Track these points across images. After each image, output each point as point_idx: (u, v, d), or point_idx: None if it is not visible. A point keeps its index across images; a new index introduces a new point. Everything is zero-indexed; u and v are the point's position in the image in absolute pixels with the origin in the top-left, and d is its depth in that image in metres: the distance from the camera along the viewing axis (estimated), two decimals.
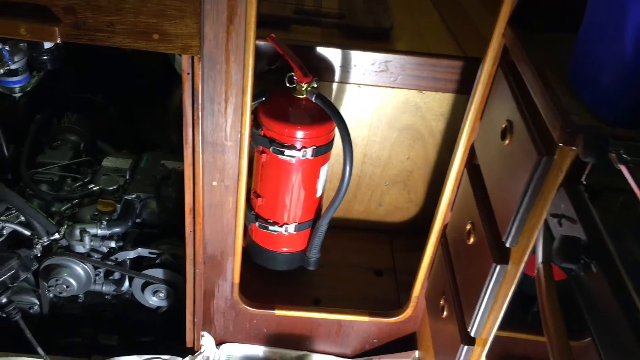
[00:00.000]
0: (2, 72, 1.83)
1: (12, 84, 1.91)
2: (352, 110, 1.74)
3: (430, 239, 1.53)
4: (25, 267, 1.45)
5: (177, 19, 1.15)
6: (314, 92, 1.50)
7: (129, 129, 2.25)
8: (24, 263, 1.45)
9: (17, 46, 1.87)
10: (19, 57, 1.87)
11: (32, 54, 1.98)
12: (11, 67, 1.86)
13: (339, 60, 1.64)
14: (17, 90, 1.94)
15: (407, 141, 1.80)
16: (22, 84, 1.94)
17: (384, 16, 1.78)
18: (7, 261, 1.43)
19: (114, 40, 1.17)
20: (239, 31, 1.21)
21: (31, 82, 1.96)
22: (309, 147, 1.53)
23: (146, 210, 1.83)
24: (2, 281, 1.38)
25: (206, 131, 1.34)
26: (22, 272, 1.45)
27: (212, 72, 1.26)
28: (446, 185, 1.45)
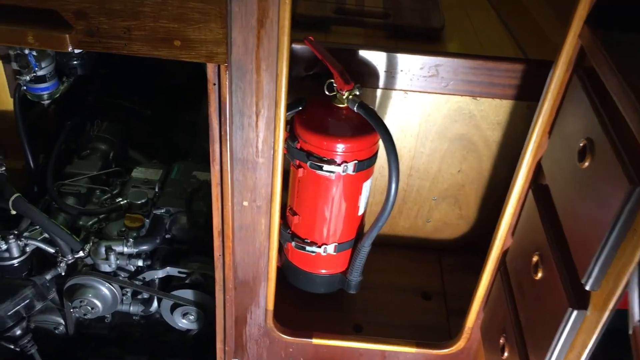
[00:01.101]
0: (29, 79, 1.73)
1: (40, 90, 1.82)
2: (398, 119, 1.57)
3: (487, 265, 1.35)
4: (41, 296, 1.34)
5: (201, 24, 1.00)
6: (356, 100, 1.34)
7: (161, 135, 2.13)
8: (39, 292, 1.33)
9: (45, 51, 1.77)
10: (46, 63, 1.77)
11: (61, 59, 1.89)
12: (38, 73, 1.76)
13: (384, 65, 1.47)
14: (45, 97, 1.84)
15: (458, 152, 1.62)
16: (51, 91, 1.83)
17: (434, 15, 1.59)
18: (21, 290, 1.32)
19: (131, 48, 1.03)
20: (271, 35, 1.06)
21: (60, 89, 1.85)
22: (350, 162, 1.37)
23: (176, 225, 1.70)
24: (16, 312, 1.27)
25: (235, 147, 1.19)
26: (38, 302, 1.34)
27: (241, 82, 1.11)
28: (507, 206, 1.26)
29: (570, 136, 1.04)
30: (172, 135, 2.12)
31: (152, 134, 2.11)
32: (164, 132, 2.11)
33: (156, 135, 2.12)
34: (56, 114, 2.00)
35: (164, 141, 2.11)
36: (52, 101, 1.90)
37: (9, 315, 1.24)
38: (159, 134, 2.12)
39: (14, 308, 1.25)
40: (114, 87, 2.11)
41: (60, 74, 1.90)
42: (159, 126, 2.12)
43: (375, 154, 1.42)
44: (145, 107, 2.13)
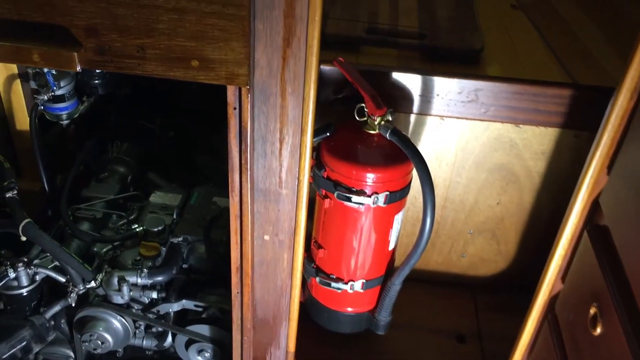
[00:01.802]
0: (47, 99, 1.66)
1: (58, 110, 1.74)
2: (433, 146, 1.44)
3: (532, 312, 1.20)
4: (40, 338, 1.23)
5: (221, 42, 0.90)
6: (389, 127, 1.22)
7: (183, 158, 2.04)
8: (37, 334, 1.23)
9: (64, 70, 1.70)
10: (65, 82, 1.70)
11: (81, 78, 1.82)
12: (57, 92, 1.69)
13: (419, 88, 1.36)
14: (64, 117, 1.76)
15: (498, 183, 1.48)
16: (70, 111, 1.76)
17: (473, 36, 1.48)
18: (17, 331, 1.22)
19: (145, 67, 0.93)
20: (298, 56, 0.95)
21: (79, 109, 1.78)
22: (381, 193, 1.25)
23: (194, 254, 1.59)
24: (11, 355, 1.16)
25: (256, 177, 1.08)
26: (36, 344, 1.23)
27: (265, 106, 1.00)
28: (556, 247, 1.12)
29: (636, 173, 0.90)
30: (193, 157, 2.02)
31: (174, 156, 2.02)
32: (185, 154, 2.02)
33: (177, 158, 2.03)
34: (76, 134, 1.92)
35: (185, 164, 2.01)
36: (71, 121, 1.83)
37: (3, 359, 1.14)
38: (181, 156, 2.03)
39: (9, 351, 1.15)
40: (136, 107, 2.03)
41: (81, 93, 1.83)
42: (181, 148, 2.03)
43: (409, 184, 1.30)
44: (168, 128, 2.05)
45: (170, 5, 0.88)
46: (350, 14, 1.50)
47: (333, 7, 1.51)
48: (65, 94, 1.72)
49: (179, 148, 2.04)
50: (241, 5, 0.87)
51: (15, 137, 1.80)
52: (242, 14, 0.88)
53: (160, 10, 0.88)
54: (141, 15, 0.89)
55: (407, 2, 1.59)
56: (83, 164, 1.85)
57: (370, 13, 1.52)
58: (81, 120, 1.88)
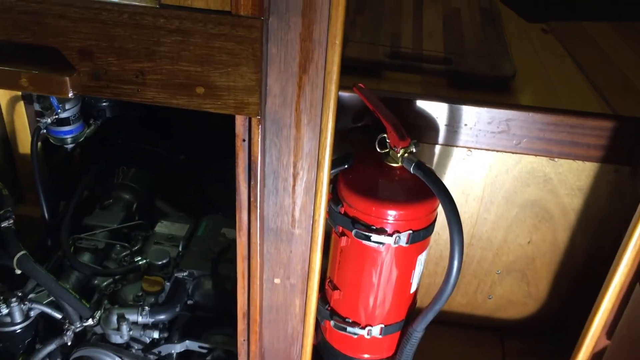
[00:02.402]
0: (50, 122, 1.57)
1: (63, 134, 1.65)
2: (460, 180, 1.33)
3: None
4: None
5: (230, 67, 0.80)
6: (413, 159, 1.11)
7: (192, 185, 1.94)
8: None
9: None
10: (71, 105, 1.61)
11: (88, 100, 1.73)
12: (61, 115, 1.60)
13: (445, 118, 1.24)
14: (69, 140, 1.67)
15: (529, 221, 1.36)
16: (75, 134, 1.67)
17: (504, 61, 1.36)
18: None
19: (145, 94, 0.83)
20: (315, 84, 0.84)
21: (85, 132, 1.69)
22: (403, 232, 1.13)
23: (199, 290, 1.48)
24: None
25: (267, 215, 0.97)
26: None
27: (277, 138, 0.90)
28: (602, 300, 1.00)
29: None
30: (204, 183, 1.92)
31: (183, 183, 1.92)
32: (195, 181, 1.92)
33: (187, 184, 1.93)
34: (82, 158, 1.83)
35: (195, 190, 1.91)
36: (77, 145, 1.74)
37: None
38: (190, 183, 1.93)
39: None
40: (146, 130, 1.94)
41: (87, 115, 1.75)
42: (191, 174, 1.94)
43: (433, 222, 1.18)
44: (179, 151, 1.95)
45: (173, 26, 0.78)
46: (372, 37, 1.40)
47: (353, 29, 1.42)
48: (71, 116, 1.63)
49: (189, 173, 1.95)
50: (252, 26, 0.77)
51: (17, 160, 1.71)
52: (253, 36, 0.77)
53: (161, 32, 0.78)
54: (141, 37, 0.79)
55: (431, 24, 1.49)
56: (88, 190, 1.76)
57: (392, 36, 1.42)
58: (87, 144, 1.79)
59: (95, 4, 0.77)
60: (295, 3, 0.78)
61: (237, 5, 0.76)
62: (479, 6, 1.57)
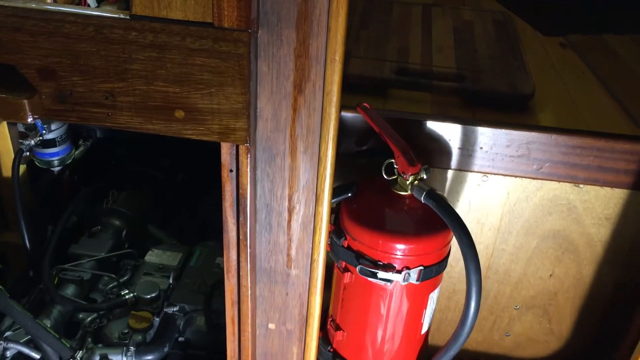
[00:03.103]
0: (34, 143, 1.46)
1: (48, 156, 1.54)
2: (475, 207, 1.20)
3: None
4: None
5: (213, 87, 0.69)
6: (424, 187, 0.99)
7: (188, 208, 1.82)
8: None
9: None
10: (57, 125, 1.50)
11: None
12: (47, 136, 1.49)
13: (459, 140, 1.13)
14: (55, 163, 1.57)
15: (551, 252, 1.23)
16: (62, 156, 1.56)
17: (521, 78, 1.25)
18: None
19: (116, 119, 0.72)
20: (312, 106, 0.73)
21: (72, 154, 1.58)
22: (413, 268, 1.01)
23: (191, 327, 1.36)
24: None
25: (259, 254, 0.85)
26: None
27: (270, 168, 0.78)
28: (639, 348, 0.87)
29: None
30: (202, 207, 1.81)
31: (179, 206, 1.81)
32: (193, 204, 1.80)
33: (183, 208, 1.81)
34: (71, 181, 1.72)
35: (191, 215, 1.80)
36: (65, 168, 1.64)
37: None
38: (187, 206, 1.82)
39: None
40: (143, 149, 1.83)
41: (77, 136, 1.64)
42: (189, 196, 1.82)
43: (446, 257, 1.06)
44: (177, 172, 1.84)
45: (147, 40, 0.66)
46: (377, 53, 1.29)
47: (356, 44, 1.31)
48: (57, 137, 1.52)
49: (187, 195, 1.83)
50: (238, 40, 0.66)
51: (1, 185, 1.60)
52: (240, 51, 0.66)
53: (133, 47, 0.67)
54: (110, 53, 0.68)
55: (441, 38, 1.38)
56: (76, 216, 1.65)
57: (399, 51, 1.30)
58: (78, 166, 1.69)
59: (56, 15, 0.66)
60: (288, 13, 0.67)
61: (220, 15, 0.64)
62: (492, 19, 1.46)
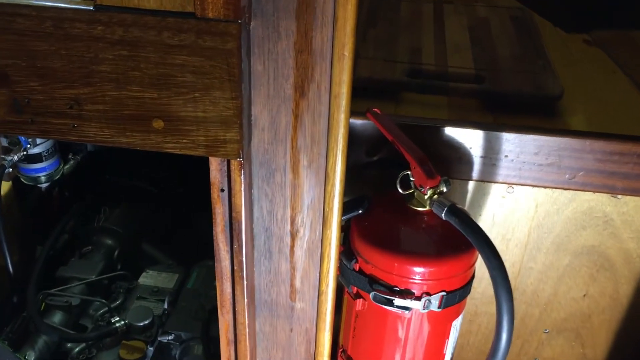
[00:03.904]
0: (17, 159, 1.35)
1: (35, 172, 1.43)
2: (499, 222, 1.08)
3: None
4: None
5: (197, 92, 0.56)
6: (444, 202, 0.86)
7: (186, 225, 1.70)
8: None
9: None
10: (42, 139, 1.39)
11: None
12: (31, 151, 1.38)
13: (481, 148, 1.00)
14: (42, 179, 1.45)
15: (585, 270, 1.10)
16: (49, 172, 1.44)
17: (547, 78, 1.12)
18: None
19: (83, 131, 0.60)
20: (317, 111, 0.61)
21: (61, 169, 1.47)
22: (434, 294, 0.88)
23: (188, 356, 1.22)
24: None
25: (258, 285, 0.73)
26: None
27: (268, 186, 0.66)
28: None
29: None
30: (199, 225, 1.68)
31: (175, 223, 1.68)
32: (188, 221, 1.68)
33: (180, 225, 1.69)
34: (61, 198, 1.61)
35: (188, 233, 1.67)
36: (54, 184, 1.52)
37: None
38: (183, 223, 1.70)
39: None
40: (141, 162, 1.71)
41: (66, 149, 1.53)
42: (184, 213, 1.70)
43: (470, 280, 0.93)
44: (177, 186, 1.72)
45: (116, 35, 0.54)
46: (387, 53, 1.17)
47: (364, 44, 1.19)
48: (43, 152, 1.41)
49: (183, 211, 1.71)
50: (226, 33, 0.53)
51: None
52: (228, 47, 0.54)
53: (100, 44, 0.55)
54: (72, 52, 0.56)
55: (456, 37, 1.26)
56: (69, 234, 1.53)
57: (411, 51, 1.18)
58: (68, 182, 1.57)
59: (6, 8, 0.54)
60: (286, 0, 0.55)
61: (204, 3, 0.52)
62: (509, 15, 1.34)
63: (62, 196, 1.59)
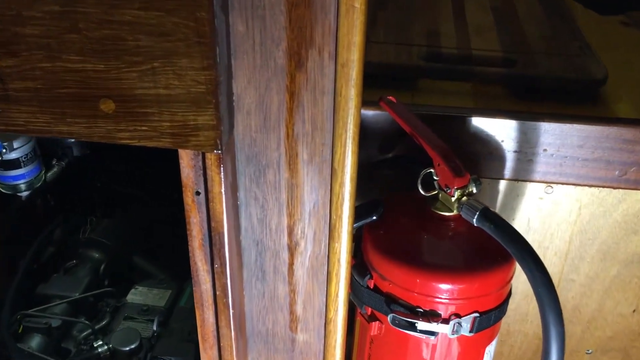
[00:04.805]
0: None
1: (12, 179, 1.28)
2: (535, 228, 0.92)
3: None
4: None
5: (156, 60, 0.41)
6: (476, 205, 0.71)
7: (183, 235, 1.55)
8: None
9: None
10: (20, 142, 1.24)
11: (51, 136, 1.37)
12: (7, 156, 1.24)
13: (514, 141, 0.84)
14: (22, 187, 1.30)
15: (636, 282, 0.94)
16: (29, 179, 1.30)
17: (588, 61, 0.96)
18: None
19: (12, 118, 0.45)
20: (319, 86, 0.45)
21: (42, 175, 1.33)
22: (465, 316, 0.73)
23: None
24: None
25: (250, 312, 0.57)
26: None
27: (257, 187, 0.50)
28: None
29: None
30: None
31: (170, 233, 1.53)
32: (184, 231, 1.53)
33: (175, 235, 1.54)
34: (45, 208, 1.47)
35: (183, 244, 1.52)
36: (35, 192, 1.38)
37: None
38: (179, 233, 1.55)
39: None
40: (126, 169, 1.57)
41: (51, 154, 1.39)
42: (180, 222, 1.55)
43: (507, 299, 0.78)
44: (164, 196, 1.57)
45: None
46: (400, 36, 1.02)
47: (374, 27, 1.04)
48: (21, 157, 1.26)
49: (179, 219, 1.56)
50: None
51: None
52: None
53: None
54: None
55: (478, 18, 1.11)
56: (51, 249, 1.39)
57: (428, 34, 1.03)
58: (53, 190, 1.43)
59: None
60: None
61: None
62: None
63: (47, 206, 1.45)
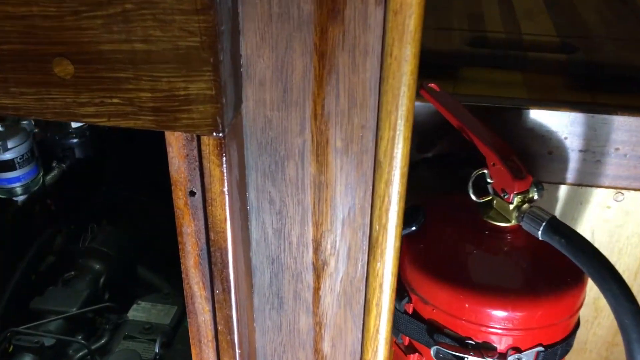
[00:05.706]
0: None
1: (7, 182, 1.18)
2: (601, 241, 0.78)
3: None
4: None
5: (128, 2, 0.29)
6: (542, 216, 0.58)
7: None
8: None
9: (17, 125, 1.16)
10: (15, 142, 1.14)
11: (51, 136, 1.27)
12: (1, 156, 1.13)
13: (579, 138, 0.71)
14: (18, 191, 1.20)
15: None
16: (25, 182, 1.19)
17: None
18: None
19: None
20: (361, 45, 0.32)
21: (39, 178, 1.22)
22: (526, 350, 0.60)
23: None
24: None
25: (262, 350, 0.44)
26: None
27: (273, 185, 0.37)
28: None
29: None
30: None
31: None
32: None
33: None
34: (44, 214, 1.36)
35: None
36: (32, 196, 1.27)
37: None
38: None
39: None
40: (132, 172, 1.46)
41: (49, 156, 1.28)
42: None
43: (575, 329, 0.64)
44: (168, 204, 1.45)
45: None
46: (440, 20, 0.89)
47: None
48: (16, 157, 1.16)
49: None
50: None
51: None
52: None
53: None
54: None
55: (526, 2, 0.97)
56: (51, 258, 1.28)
57: (470, 18, 0.90)
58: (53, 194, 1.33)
59: None
60: None
61: None
62: None
63: (45, 211, 1.35)
